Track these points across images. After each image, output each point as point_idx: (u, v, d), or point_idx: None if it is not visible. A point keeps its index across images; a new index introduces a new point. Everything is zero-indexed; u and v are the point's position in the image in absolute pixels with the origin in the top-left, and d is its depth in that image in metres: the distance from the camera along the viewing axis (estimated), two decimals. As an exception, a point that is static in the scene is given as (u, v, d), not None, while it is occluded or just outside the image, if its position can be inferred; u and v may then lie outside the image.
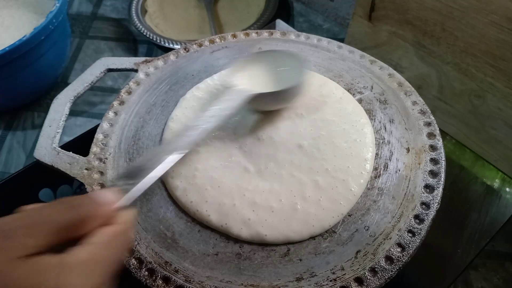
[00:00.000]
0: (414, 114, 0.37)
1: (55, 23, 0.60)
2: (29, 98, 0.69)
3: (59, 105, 0.40)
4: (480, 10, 0.45)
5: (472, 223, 0.40)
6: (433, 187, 0.32)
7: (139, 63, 0.43)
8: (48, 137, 0.38)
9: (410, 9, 0.52)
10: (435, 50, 0.52)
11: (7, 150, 0.64)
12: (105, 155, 0.36)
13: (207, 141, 0.35)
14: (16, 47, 0.56)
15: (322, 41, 0.44)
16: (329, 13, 0.80)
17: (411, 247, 0.29)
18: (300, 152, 0.34)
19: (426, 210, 0.31)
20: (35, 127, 0.67)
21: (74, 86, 0.42)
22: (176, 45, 0.70)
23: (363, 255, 0.29)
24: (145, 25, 0.75)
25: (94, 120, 0.67)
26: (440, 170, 0.33)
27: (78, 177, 0.35)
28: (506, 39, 0.45)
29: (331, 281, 0.28)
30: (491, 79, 0.48)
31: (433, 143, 0.35)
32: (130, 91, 0.41)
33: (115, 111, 0.39)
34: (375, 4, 0.56)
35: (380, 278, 0.28)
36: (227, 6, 0.81)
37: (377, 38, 0.59)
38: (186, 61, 0.43)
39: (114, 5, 0.86)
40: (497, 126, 0.50)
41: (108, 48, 0.78)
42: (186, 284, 0.29)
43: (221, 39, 0.45)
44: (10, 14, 0.71)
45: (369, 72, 0.40)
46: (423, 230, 0.30)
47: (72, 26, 0.81)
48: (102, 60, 0.43)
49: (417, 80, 0.56)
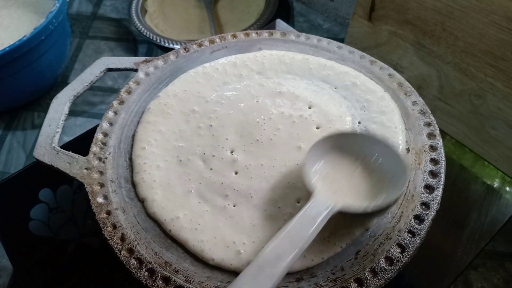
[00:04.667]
0: (414, 114, 0.37)
1: (55, 23, 0.60)
2: (29, 98, 0.69)
3: (59, 105, 0.40)
4: (480, 10, 0.45)
5: (472, 223, 0.40)
6: (433, 187, 0.32)
7: (139, 62, 0.43)
8: (47, 137, 0.38)
9: (410, 9, 0.52)
10: (435, 50, 0.52)
11: (7, 150, 0.64)
12: (105, 154, 0.36)
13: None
14: (16, 47, 0.56)
15: (322, 41, 0.44)
16: (329, 13, 0.80)
17: (411, 248, 0.29)
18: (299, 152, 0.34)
19: (426, 210, 0.31)
20: (35, 127, 0.67)
21: (74, 86, 0.42)
22: (176, 45, 0.70)
23: (363, 256, 0.29)
24: (145, 25, 0.75)
25: (94, 120, 0.67)
26: (440, 170, 0.33)
27: (77, 176, 0.35)
28: (506, 39, 0.45)
29: (331, 281, 0.28)
30: (491, 79, 0.48)
31: (433, 143, 0.35)
32: (130, 90, 0.41)
33: (115, 110, 0.39)
34: (375, 4, 0.56)
35: (380, 279, 0.28)
36: (227, 6, 0.81)
37: (377, 38, 0.59)
38: (186, 61, 0.43)
39: (114, 5, 0.86)
40: (497, 126, 0.50)
41: (108, 48, 0.78)
42: (186, 284, 0.29)
43: (221, 39, 0.45)
44: (9, 14, 0.71)
45: (369, 73, 0.40)
46: (423, 230, 0.30)
47: (72, 26, 0.81)
48: (102, 60, 0.43)
49: (417, 80, 0.56)
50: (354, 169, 0.31)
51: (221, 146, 0.35)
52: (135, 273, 0.29)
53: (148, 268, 0.29)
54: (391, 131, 0.35)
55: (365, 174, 0.31)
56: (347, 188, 0.29)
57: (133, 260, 0.30)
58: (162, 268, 0.29)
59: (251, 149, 0.35)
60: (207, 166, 0.34)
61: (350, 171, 0.31)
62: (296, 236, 0.26)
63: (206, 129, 0.37)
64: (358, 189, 0.30)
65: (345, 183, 0.30)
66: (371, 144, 0.31)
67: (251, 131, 0.36)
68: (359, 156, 0.31)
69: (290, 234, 0.26)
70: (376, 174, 0.31)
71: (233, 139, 0.36)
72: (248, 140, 0.35)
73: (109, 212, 0.32)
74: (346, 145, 0.31)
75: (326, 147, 0.31)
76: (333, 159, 0.31)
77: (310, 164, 0.30)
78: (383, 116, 0.36)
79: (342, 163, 0.31)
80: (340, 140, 0.31)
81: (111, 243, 0.31)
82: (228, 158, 0.34)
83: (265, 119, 0.37)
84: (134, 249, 0.30)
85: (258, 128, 0.36)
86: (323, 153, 0.31)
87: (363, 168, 0.31)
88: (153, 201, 0.33)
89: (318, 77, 0.40)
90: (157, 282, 0.29)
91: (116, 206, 0.33)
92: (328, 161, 0.31)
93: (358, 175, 0.31)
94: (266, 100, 0.38)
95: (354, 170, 0.31)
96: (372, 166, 0.31)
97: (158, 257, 0.30)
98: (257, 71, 0.41)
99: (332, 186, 0.29)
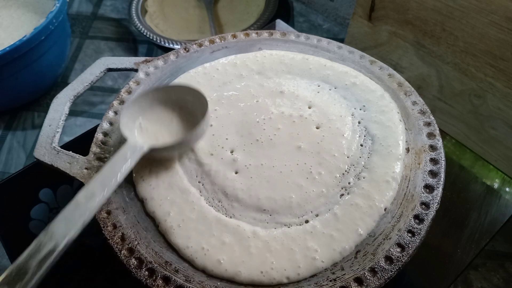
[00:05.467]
0: (414, 114, 0.37)
1: (55, 23, 0.60)
2: (29, 98, 0.69)
3: (59, 105, 0.40)
4: (480, 10, 0.45)
5: (472, 223, 0.40)
6: (433, 187, 0.32)
7: (139, 62, 0.43)
8: (47, 137, 0.38)
9: (410, 9, 0.52)
10: (435, 50, 0.52)
11: (7, 150, 0.64)
12: (105, 154, 0.36)
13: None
14: (16, 47, 0.56)
15: (322, 41, 0.44)
16: (329, 13, 0.80)
17: (410, 247, 0.29)
18: (299, 151, 0.34)
19: (425, 210, 0.31)
20: (35, 127, 0.67)
21: (74, 86, 0.42)
22: (176, 45, 0.70)
23: (362, 255, 0.29)
24: (145, 25, 0.75)
25: (94, 120, 0.67)
26: (440, 170, 0.33)
27: (78, 176, 0.35)
28: (506, 39, 0.45)
29: (331, 281, 0.28)
30: (491, 79, 0.48)
31: (433, 143, 0.35)
32: (130, 90, 0.41)
33: (115, 110, 0.39)
34: (375, 4, 0.56)
35: (379, 278, 0.28)
36: (227, 6, 0.81)
37: (377, 38, 0.59)
38: (186, 61, 0.43)
39: (114, 5, 0.86)
40: (497, 126, 0.50)
41: (108, 48, 0.78)
42: (186, 284, 0.29)
43: (221, 39, 0.45)
44: (9, 14, 0.71)
45: (369, 73, 0.40)
46: (422, 230, 0.30)
47: (72, 26, 0.81)
48: (102, 60, 0.43)
49: (417, 80, 0.56)
50: (171, 118, 0.36)
51: (221, 146, 0.35)
52: (135, 272, 0.29)
53: (148, 267, 0.29)
54: (391, 130, 0.35)
55: (181, 119, 0.36)
56: (164, 133, 0.34)
57: (133, 259, 0.30)
58: (162, 268, 0.29)
59: (251, 149, 0.35)
60: (207, 166, 0.34)
61: (168, 119, 0.36)
62: (107, 176, 0.29)
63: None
64: (174, 132, 0.35)
65: (163, 130, 0.35)
66: (184, 94, 0.36)
67: (251, 131, 0.36)
68: (176, 105, 0.36)
69: (103, 175, 0.29)
70: (190, 118, 0.35)
71: (233, 139, 0.36)
72: (248, 140, 0.35)
73: (109, 212, 0.32)
74: (163, 98, 0.36)
75: (145, 104, 0.36)
76: (152, 113, 0.36)
77: (126, 119, 0.34)
78: (383, 115, 0.36)
79: (160, 114, 0.36)
80: (155, 95, 0.36)
81: (111, 243, 0.31)
82: (228, 158, 0.34)
83: (265, 119, 0.37)
84: (134, 248, 0.30)
85: (258, 128, 0.36)
86: (142, 109, 0.36)
87: (179, 114, 0.36)
88: (152, 200, 0.33)
89: (318, 77, 0.40)
90: (157, 281, 0.29)
91: (116, 205, 0.33)
92: (147, 115, 0.36)
93: (176, 121, 0.36)
94: (266, 100, 0.38)
95: (172, 118, 0.36)
96: (186, 112, 0.36)
97: (158, 256, 0.30)
98: (257, 71, 0.41)
99: (147, 134, 0.34)
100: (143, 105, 0.36)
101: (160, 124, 0.35)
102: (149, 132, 0.35)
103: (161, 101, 0.36)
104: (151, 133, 0.35)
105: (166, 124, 0.35)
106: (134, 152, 0.32)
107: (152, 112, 0.36)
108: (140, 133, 0.35)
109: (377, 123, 0.36)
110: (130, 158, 0.31)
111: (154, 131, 0.35)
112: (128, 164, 0.31)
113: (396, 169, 0.33)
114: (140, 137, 0.34)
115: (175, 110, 0.36)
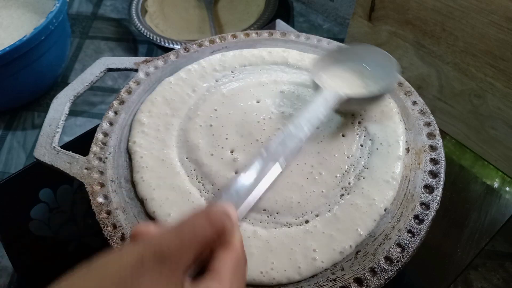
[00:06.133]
0: (414, 114, 0.37)
1: (55, 23, 0.60)
2: (29, 98, 0.69)
3: (59, 105, 0.40)
4: (480, 10, 0.45)
5: (472, 223, 0.40)
6: (432, 187, 0.32)
7: (139, 62, 0.43)
8: (47, 137, 0.38)
9: (410, 9, 0.52)
10: (435, 50, 0.52)
11: (7, 150, 0.64)
12: (105, 154, 0.36)
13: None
14: (16, 47, 0.56)
15: (322, 41, 0.44)
16: (329, 13, 0.80)
17: (410, 248, 0.29)
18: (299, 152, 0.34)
19: (425, 210, 0.31)
20: (35, 127, 0.67)
21: (74, 86, 0.42)
22: (176, 45, 0.70)
23: (362, 255, 0.29)
24: (145, 25, 0.75)
25: (94, 120, 0.67)
26: (440, 170, 0.33)
27: (78, 176, 0.35)
28: (506, 39, 0.45)
29: (331, 281, 0.28)
30: (491, 79, 0.48)
31: (433, 143, 0.35)
32: (130, 90, 0.41)
33: (115, 110, 0.39)
34: (375, 4, 0.56)
35: (379, 279, 0.28)
36: (227, 6, 0.81)
37: (377, 38, 0.59)
38: (186, 61, 0.43)
39: (114, 5, 0.87)
40: (497, 126, 0.50)
41: (108, 48, 0.78)
42: (186, 284, 0.29)
43: (221, 39, 0.45)
44: (9, 14, 0.71)
45: (369, 72, 0.41)
46: (422, 230, 0.30)
47: (72, 26, 0.81)
48: (102, 60, 0.43)
49: (417, 80, 0.56)
50: (351, 76, 0.38)
51: (221, 146, 0.35)
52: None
53: (148, 268, 0.29)
54: (391, 130, 0.35)
55: (360, 77, 0.38)
56: (346, 90, 0.35)
57: (133, 260, 0.30)
58: (162, 268, 0.29)
59: (251, 149, 0.35)
60: (207, 166, 0.34)
61: (347, 77, 0.38)
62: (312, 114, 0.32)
63: (206, 128, 0.37)
64: (357, 87, 0.37)
65: (344, 86, 0.37)
66: (364, 52, 0.38)
67: (251, 131, 0.36)
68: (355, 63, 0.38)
69: (308, 112, 0.32)
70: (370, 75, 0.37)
71: (233, 139, 0.36)
72: (248, 140, 0.35)
73: (109, 212, 0.32)
74: (343, 57, 0.38)
75: (329, 61, 0.38)
76: (334, 70, 0.38)
77: (319, 71, 0.37)
78: (383, 115, 0.36)
79: (341, 72, 0.38)
80: (337, 55, 0.39)
81: (111, 243, 0.31)
82: (228, 157, 0.34)
83: (265, 119, 0.37)
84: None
85: (258, 128, 0.36)
86: (325, 66, 0.38)
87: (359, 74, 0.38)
88: (152, 200, 0.33)
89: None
90: (157, 282, 0.29)
91: (116, 206, 0.33)
92: (330, 71, 0.38)
93: (355, 79, 0.38)
94: (266, 100, 0.38)
95: (351, 76, 0.38)
96: (367, 70, 0.38)
97: (158, 257, 0.30)
98: (258, 70, 0.41)
99: (336, 85, 0.37)
100: (326, 63, 0.38)
101: (342, 81, 0.37)
102: (332, 87, 0.36)
103: (341, 60, 0.38)
104: (333, 88, 0.36)
105: (346, 82, 0.37)
106: (334, 97, 0.34)
107: (335, 69, 0.38)
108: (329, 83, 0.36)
109: (377, 123, 0.36)
110: (331, 101, 0.33)
111: (336, 86, 0.36)
112: (329, 105, 0.33)
113: (396, 169, 0.33)
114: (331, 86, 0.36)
115: (355, 70, 0.38)
